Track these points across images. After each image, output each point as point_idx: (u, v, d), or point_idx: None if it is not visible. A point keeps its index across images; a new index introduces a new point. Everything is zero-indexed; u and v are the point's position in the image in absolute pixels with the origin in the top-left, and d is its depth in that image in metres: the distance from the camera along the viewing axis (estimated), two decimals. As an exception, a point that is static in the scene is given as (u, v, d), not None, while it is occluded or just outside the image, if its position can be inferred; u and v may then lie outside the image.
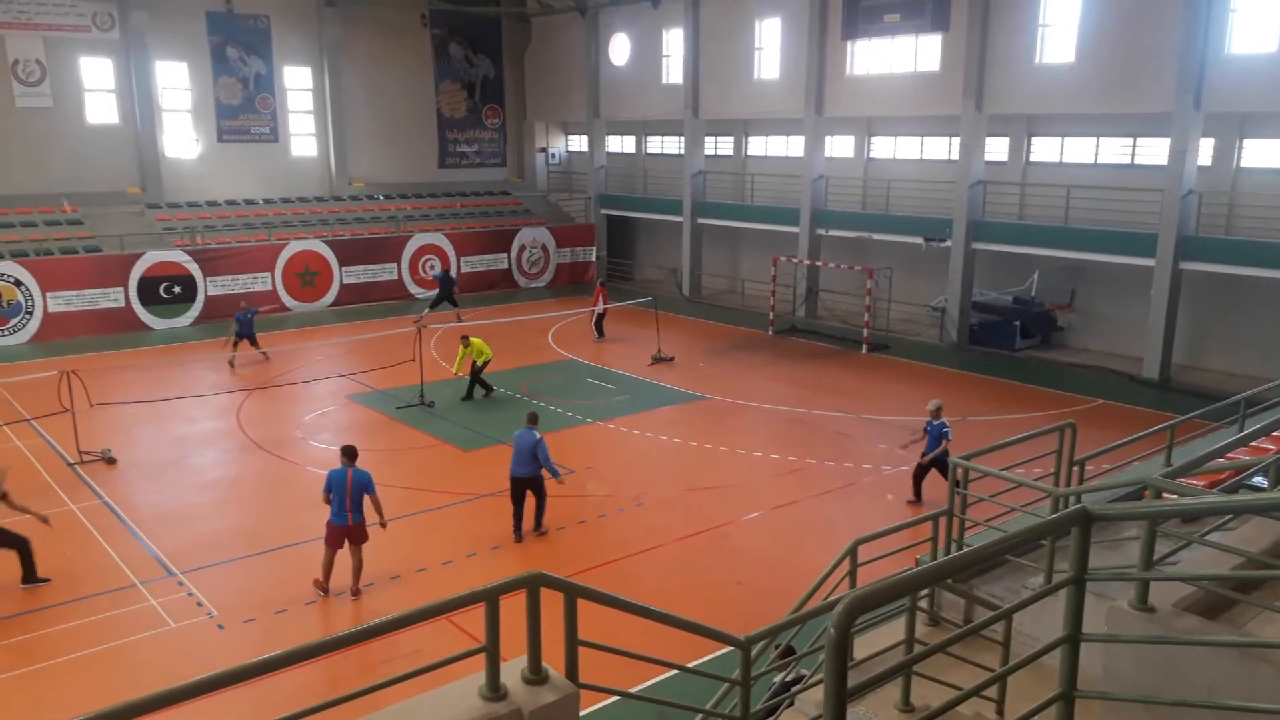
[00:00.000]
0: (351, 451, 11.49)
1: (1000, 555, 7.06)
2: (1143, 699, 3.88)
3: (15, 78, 27.88)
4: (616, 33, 34.45)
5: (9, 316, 24.81)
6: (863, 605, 2.67)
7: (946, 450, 13.79)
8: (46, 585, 11.73)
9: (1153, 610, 4.20)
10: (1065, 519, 3.47)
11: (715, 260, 33.58)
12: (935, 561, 3.78)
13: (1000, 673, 4.14)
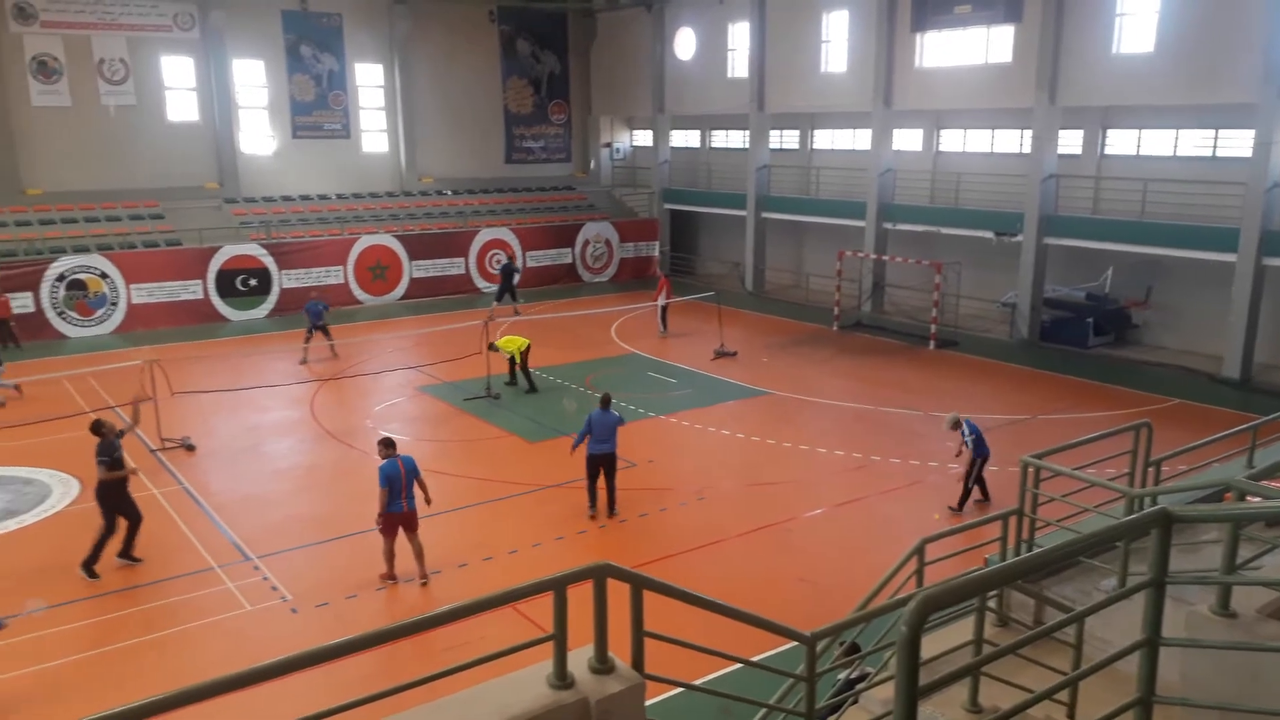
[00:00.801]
0: (391, 442, 11.75)
1: (1075, 556, 6.92)
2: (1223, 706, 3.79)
3: (101, 76, 28.89)
4: (682, 27, 34.39)
5: (95, 307, 25.75)
6: (935, 604, 2.65)
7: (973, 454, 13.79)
8: (137, 565, 12.22)
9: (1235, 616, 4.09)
10: (1145, 520, 3.40)
11: (779, 255, 33.37)
12: (1007, 561, 3.73)
13: (1075, 676, 4.07)
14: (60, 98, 28.43)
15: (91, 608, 11.23)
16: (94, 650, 10.29)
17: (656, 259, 35.68)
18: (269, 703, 6.29)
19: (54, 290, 25.15)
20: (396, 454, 11.63)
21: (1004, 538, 7.71)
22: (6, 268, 24.49)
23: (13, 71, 27.68)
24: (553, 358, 22.94)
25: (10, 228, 26.46)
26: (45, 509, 14.09)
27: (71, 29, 28.30)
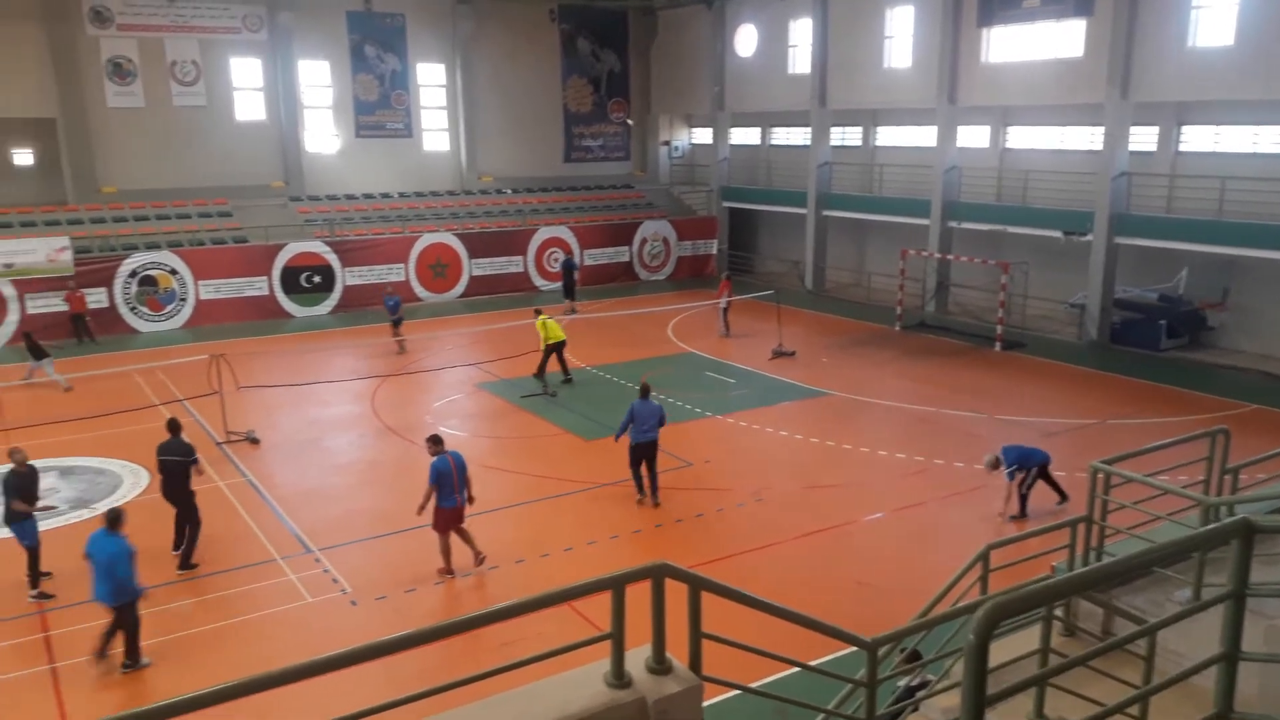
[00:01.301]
0: (440, 439, 11.94)
1: (1151, 566, 6.70)
2: (1308, 725, 3.61)
3: (173, 78, 29.68)
4: (743, 24, 34.20)
5: (165, 303, 26.45)
6: (1004, 612, 2.56)
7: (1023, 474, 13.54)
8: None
9: (1320, 631, 3.90)
10: (1226, 530, 3.26)
11: (840, 253, 33.01)
12: (1079, 570, 3.61)
13: (1148, 689, 3.92)
14: (134, 99, 29.26)
15: (159, 596, 11.49)
16: (160, 638, 10.52)
17: (714, 257, 35.55)
18: (330, 693, 6.37)
19: (126, 286, 25.89)
20: (446, 450, 11.77)
21: (1072, 545, 7.49)
22: (82, 264, 25.27)
23: (90, 73, 28.55)
24: (609, 356, 22.97)
25: (86, 225, 27.31)
26: (116, 499, 14.49)
27: (146, 31, 29.11)
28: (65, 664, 10.06)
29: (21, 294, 24.57)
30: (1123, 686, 5.29)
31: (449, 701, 3.93)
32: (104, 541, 9.59)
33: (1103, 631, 7.32)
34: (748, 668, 6.87)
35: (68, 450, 16.52)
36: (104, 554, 9.51)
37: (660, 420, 14.07)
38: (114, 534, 9.61)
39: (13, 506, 11.29)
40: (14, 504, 11.28)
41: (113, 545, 9.54)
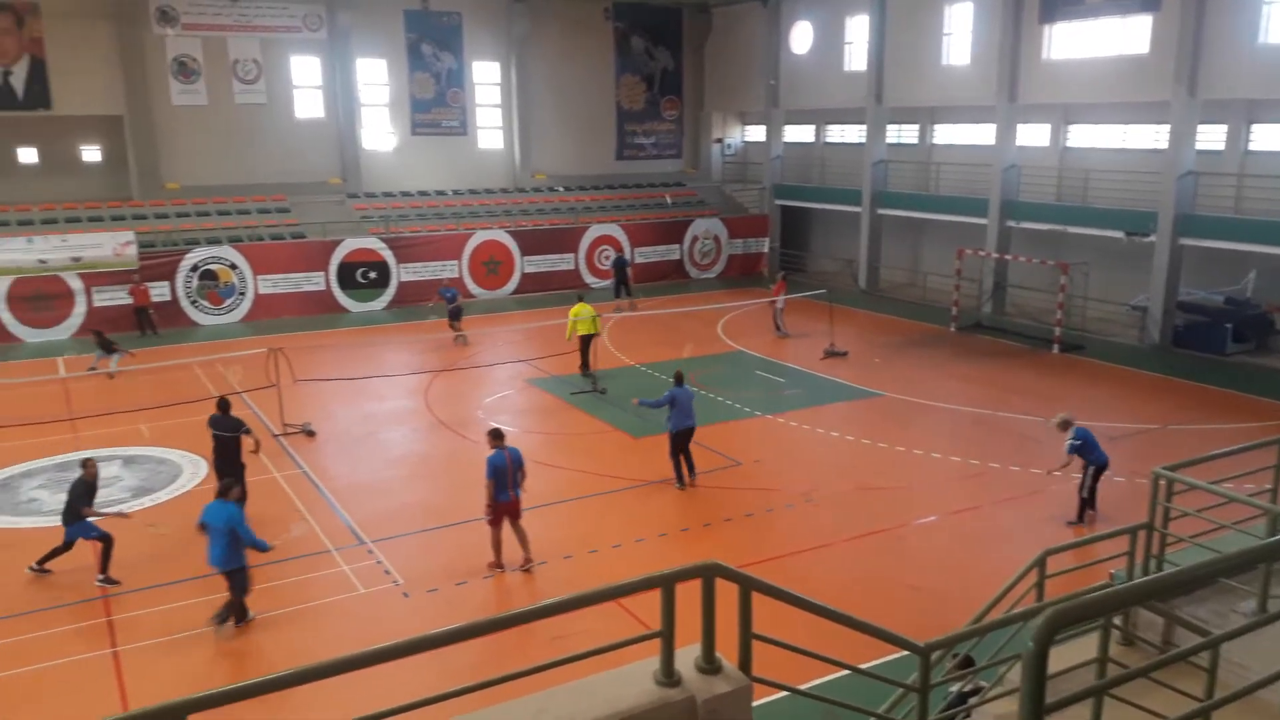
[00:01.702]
0: (500, 433, 12.01)
1: (1215, 576, 6.52)
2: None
3: (235, 76, 30.29)
4: (798, 21, 33.95)
5: (225, 297, 27.03)
6: (1065, 619, 2.50)
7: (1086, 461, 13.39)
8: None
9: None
10: (1298, 540, 3.14)
11: (895, 252, 32.64)
12: (1141, 579, 3.52)
13: (1211, 703, 3.81)
14: (198, 97, 29.92)
15: (214, 584, 11.73)
16: (214, 625, 10.74)
17: (766, 255, 35.37)
18: (382, 684, 6.45)
19: (188, 280, 26.50)
20: (504, 446, 11.84)
21: (1131, 553, 7.33)
22: (146, 258, 25.92)
23: (156, 72, 29.26)
24: (658, 354, 22.96)
25: (150, 220, 28.01)
26: (176, 488, 14.85)
27: (209, 31, 29.75)
28: (127, 647, 10.33)
29: (88, 287, 25.28)
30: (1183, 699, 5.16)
31: (500, 694, 3.96)
32: (220, 510, 10.48)
33: (1163, 642, 7.14)
34: (796, 669, 6.83)
35: (130, 440, 16.97)
36: (221, 520, 10.36)
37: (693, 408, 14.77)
38: (228, 502, 10.50)
39: (83, 511, 11.60)
40: (84, 509, 11.60)
41: (228, 511, 10.42)
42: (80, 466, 11.92)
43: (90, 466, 11.90)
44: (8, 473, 15.47)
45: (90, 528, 11.70)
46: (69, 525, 11.67)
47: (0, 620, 10.83)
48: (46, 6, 27.71)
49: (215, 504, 10.59)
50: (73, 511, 11.66)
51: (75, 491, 11.70)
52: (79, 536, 11.70)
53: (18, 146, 28.69)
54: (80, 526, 11.66)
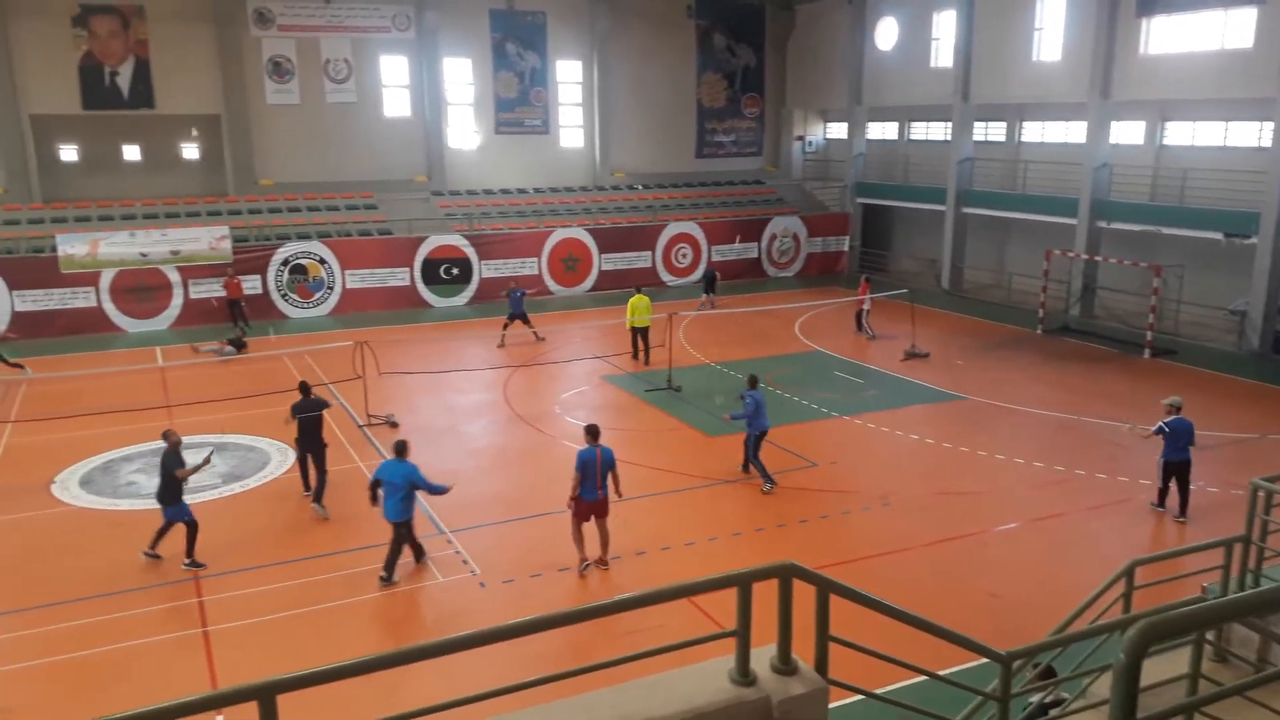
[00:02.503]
0: (596, 430, 11.98)
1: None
2: None
3: (327, 76, 31.13)
4: (884, 17, 33.44)
5: (314, 291, 27.80)
6: (1158, 632, 2.43)
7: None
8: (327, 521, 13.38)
9: None
10: None
11: (979, 252, 31.93)
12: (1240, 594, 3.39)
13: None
14: (291, 96, 30.83)
15: (300, 569, 12.12)
16: (301, 609, 11.08)
17: (846, 254, 34.96)
18: (457, 671, 6.58)
19: (279, 274, 27.33)
20: (597, 444, 11.80)
21: (1226, 566, 7.06)
22: (240, 252, 26.81)
23: (252, 72, 30.25)
24: (734, 353, 22.87)
25: (244, 215, 28.97)
26: (265, 475, 15.35)
27: (303, 32, 30.63)
28: (216, 628, 10.71)
29: (185, 279, 26.26)
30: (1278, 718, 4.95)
31: (574, 687, 4.01)
32: (397, 466, 11.58)
33: (1259, 659, 6.87)
34: (870, 673, 6.76)
35: (222, 428, 17.58)
36: (399, 476, 11.49)
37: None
38: (403, 460, 11.60)
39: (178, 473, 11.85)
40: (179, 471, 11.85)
41: (406, 467, 11.56)
42: (163, 438, 12.17)
43: (172, 435, 12.15)
44: (108, 457, 16.18)
45: (184, 511, 11.94)
46: (166, 506, 11.98)
47: (99, 598, 11.33)
48: (151, 10, 28.87)
49: (392, 462, 11.66)
50: (168, 489, 11.89)
51: (167, 465, 11.89)
52: (173, 520, 11.96)
53: (123, 144, 29.97)
54: (175, 510, 11.92)
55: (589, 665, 3.68)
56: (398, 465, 11.61)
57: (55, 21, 28.09)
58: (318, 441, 13.93)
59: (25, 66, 28.03)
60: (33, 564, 12.31)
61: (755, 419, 14.63)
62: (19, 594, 11.48)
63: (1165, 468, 13.42)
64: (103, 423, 17.45)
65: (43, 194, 28.73)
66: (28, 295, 24.83)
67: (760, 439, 14.74)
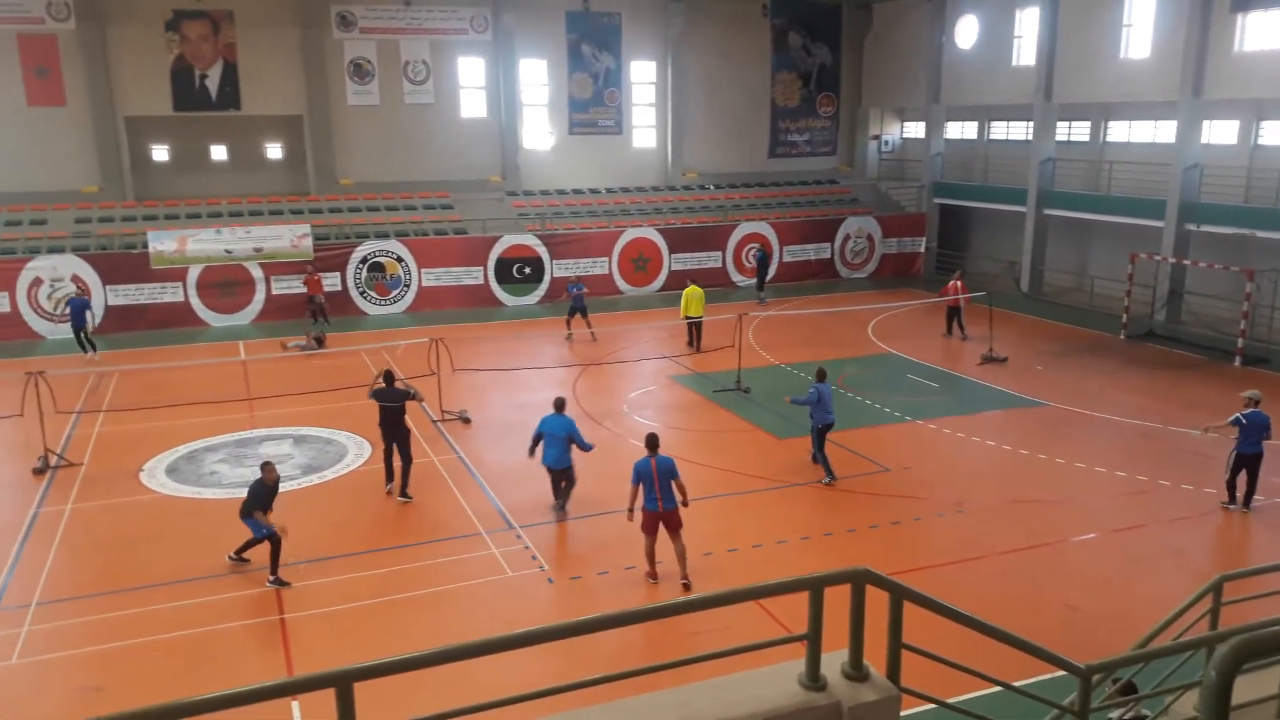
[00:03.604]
0: (653, 441, 11.62)
1: None
2: None
3: (405, 77, 31.71)
4: (965, 15, 32.79)
5: (391, 288, 28.36)
6: (1252, 650, 2.34)
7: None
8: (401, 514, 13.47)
9: None
10: None
11: (1060, 255, 31.12)
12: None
13: None
14: (371, 97, 31.49)
15: (374, 560, 12.37)
16: (373, 600, 11.32)
17: (923, 256, 34.38)
18: (524, 665, 6.64)
19: (358, 271, 27.93)
20: (653, 453, 11.53)
21: (1323, 584, 6.75)
22: (320, 250, 27.47)
23: (334, 74, 30.98)
24: (805, 355, 22.67)
25: (325, 214, 29.67)
26: (342, 467, 15.70)
27: (384, 34, 31.25)
28: (292, 616, 11.00)
29: (268, 276, 27.01)
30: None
31: (640, 686, 4.02)
32: (558, 421, 13.20)
33: (1357, 684, 6.55)
34: (943, 682, 6.66)
35: (301, 420, 18.05)
36: (560, 428, 13.13)
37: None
38: (561, 415, 13.25)
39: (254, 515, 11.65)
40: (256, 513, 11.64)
41: (565, 421, 13.16)
42: (261, 470, 11.91)
43: (271, 471, 11.86)
44: (192, 447, 16.72)
45: (259, 527, 11.76)
46: (244, 519, 11.80)
47: (181, 583, 11.72)
48: (240, 14, 29.77)
49: (552, 417, 13.27)
50: (248, 511, 11.77)
51: (254, 494, 11.71)
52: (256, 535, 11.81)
53: (210, 144, 30.96)
54: (251, 523, 11.77)
55: (658, 664, 3.69)
56: (558, 419, 13.20)
57: (150, 27, 29.14)
58: (401, 429, 14.26)
59: (121, 71, 29.14)
60: (122, 548, 12.80)
61: (816, 410, 14.77)
62: (109, 577, 11.95)
63: (1236, 460, 13.45)
64: (188, 413, 18.05)
65: (135, 193, 29.84)
66: (120, 290, 25.80)
67: (823, 433, 14.86)
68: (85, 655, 10.18)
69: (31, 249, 25.88)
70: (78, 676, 9.81)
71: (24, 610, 11.08)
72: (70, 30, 28.35)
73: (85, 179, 29.32)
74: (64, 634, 10.61)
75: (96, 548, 12.85)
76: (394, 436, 14.31)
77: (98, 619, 10.92)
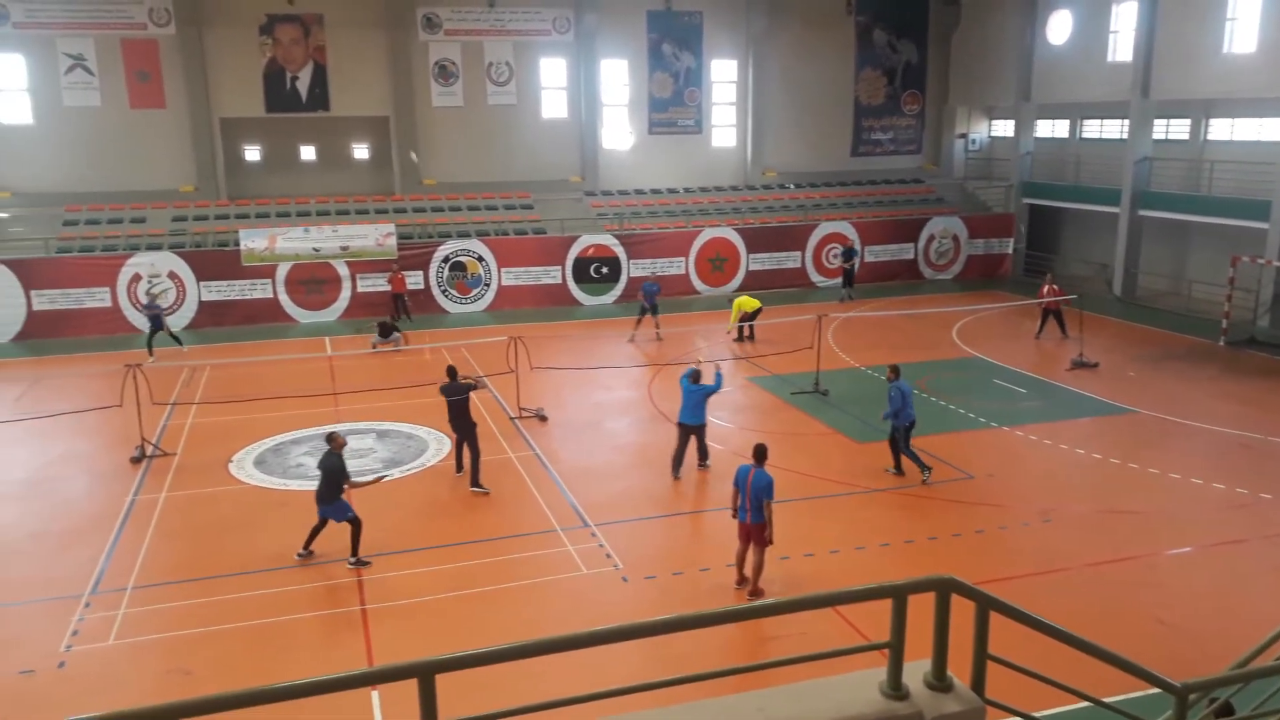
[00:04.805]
0: (760, 452, 11.31)
1: None
2: None
3: (489, 78, 32.14)
4: (1058, 10, 31.84)
5: (471, 287, 28.77)
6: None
7: None
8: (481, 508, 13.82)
9: None
10: None
11: (1156, 257, 29.99)
12: None
13: None
14: (455, 98, 32.00)
15: (451, 554, 12.54)
16: (451, 593, 11.47)
17: (1010, 257, 33.51)
18: (598, 662, 6.63)
19: (440, 270, 28.40)
20: (754, 463, 11.21)
21: None
22: (404, 249, 28.01)
23: (419, 76, 31.57)
24: (886, 357, 22.23)
25: (409, 214, 30.25)
26: (423, 461, 15.98)
27: (468, 36, 31.73)
28: (373, 606, 11.21)
29: (354, 274, 27.65)
30: None
31: (713, 688, 3.97)
32: (694, 385, 14.81)
33: None
34: (1028, 696, 6.45)
35: (384, 415, 18.41)
36: (699, 391, 14.81)
37: None
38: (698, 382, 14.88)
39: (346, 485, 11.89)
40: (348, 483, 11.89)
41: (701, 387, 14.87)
42: (327, 441, 12.16)
43: (337, 438, 12.13)
44: (278, 439, 17.20)
45: (343, 509, 11.96)
46: (322, 505, 12.00)
47: (267, 572, 12.05)
48: (330, 17, 30.54)
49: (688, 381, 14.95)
50: (329, 488, 11.87)
51: (332, 467, 11.87)
52: (331, 518, 12.06)
53: (300, 145, 31.84)
54: (333, 508, 11.95)
55: (737, 667, 3.64)
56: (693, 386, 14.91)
57: (244, 30, 30.10)
58: (467, 421, 14.61)
59: (217, 74, 30.17)
60: (211, 536, 13.22)
61: (905, 409, 14.61)
62: (199, 563, 12.35)
63: None
64: (276, 406, 18.56)
65: (228, 192, 30.86)
66: (212, 286, 26.69)
67: (909, 430, 14.79)
68: (176, 639, 10.54)
69: (131, 246, 26.96)
70: (169, 659, 10.16)
71: (120, 593, 11.53)
72: (170, 35, 29.46)
73: (182, 179, 30.44)
74: (156, 617, 11.01)
75: (188, 535, 13.30)
76: (459, 429, 14.71)
77: (188, 604, 11.29)
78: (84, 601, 11.33)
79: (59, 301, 25.53)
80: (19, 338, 25.20)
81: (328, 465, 11.99)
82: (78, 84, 29.10)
